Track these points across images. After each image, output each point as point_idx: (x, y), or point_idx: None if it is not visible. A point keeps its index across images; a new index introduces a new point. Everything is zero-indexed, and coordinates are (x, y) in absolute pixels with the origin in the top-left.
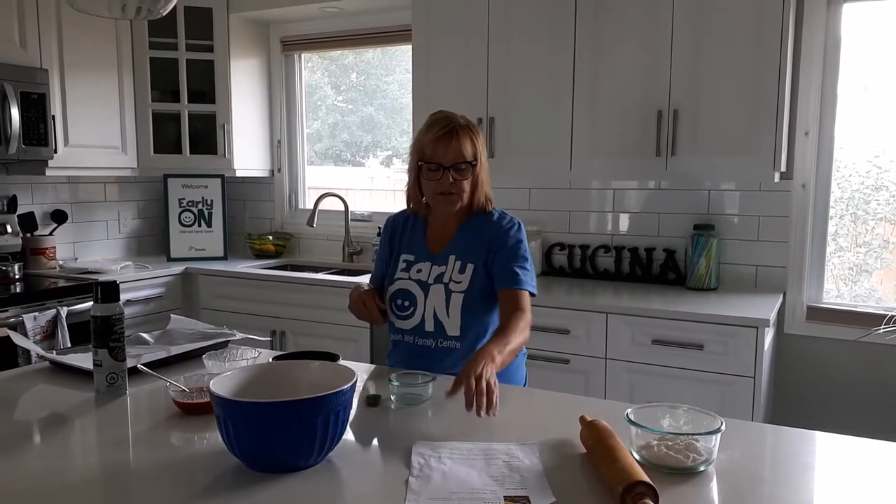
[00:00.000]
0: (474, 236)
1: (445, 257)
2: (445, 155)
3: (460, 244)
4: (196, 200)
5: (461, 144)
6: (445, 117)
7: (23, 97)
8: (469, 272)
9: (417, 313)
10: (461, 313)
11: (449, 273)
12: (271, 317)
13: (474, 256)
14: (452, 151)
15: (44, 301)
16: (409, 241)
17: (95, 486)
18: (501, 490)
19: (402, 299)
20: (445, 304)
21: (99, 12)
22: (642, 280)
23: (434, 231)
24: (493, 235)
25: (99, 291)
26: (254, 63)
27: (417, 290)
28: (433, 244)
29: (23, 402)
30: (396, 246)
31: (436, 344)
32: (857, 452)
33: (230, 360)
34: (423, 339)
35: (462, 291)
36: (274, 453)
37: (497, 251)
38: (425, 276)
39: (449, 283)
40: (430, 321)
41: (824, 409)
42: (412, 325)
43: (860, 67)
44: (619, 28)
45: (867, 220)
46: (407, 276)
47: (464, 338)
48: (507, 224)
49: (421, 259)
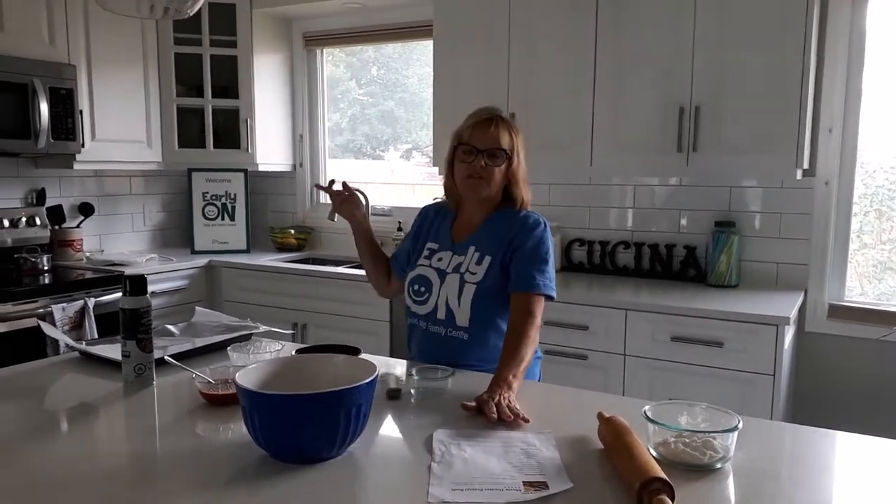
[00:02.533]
0: (497, 230)
1: (466, 248)
2: (481, 139)
3: (482, 236)
4: (219, 194)
5: (499, 133)
6: (489, 108)
7: (51, 92)
8: (485, 265)
9: (431, 300)
10: (471, 304)
11: (466, 264)
12: (293, 309)
13: (493, 250)
14: (489, 137)
15: (71, 292)
16: (436, 231)
17: (123, 475)
18: (520, 476)
19: (419, 284)
20: (458, 294)
21: (128, 12)
22: (662, 277)
23: (461, 222)
24: (515, 233)
25: (128, 284)
26: (276, 58)
27: (435, 277)
28: (457, 234)
29: (52, 391)
30: (424, 234)
31: (446, 332)
32: (878, 453)
33: (254, 353)
34: (435, 326)
35: (475, 283)
36: (298, 444)
37: (516, 250)
38: (444, 265)
39: (465, 273)
40: (443, 309)
41: (845, 408)
42: (426, 311)
43: (886, 63)
44: (640, 24)
45: (892, 217)
46: (428, 264)
47: (472, 329)
48: (531, 223)
49: (444, 248)
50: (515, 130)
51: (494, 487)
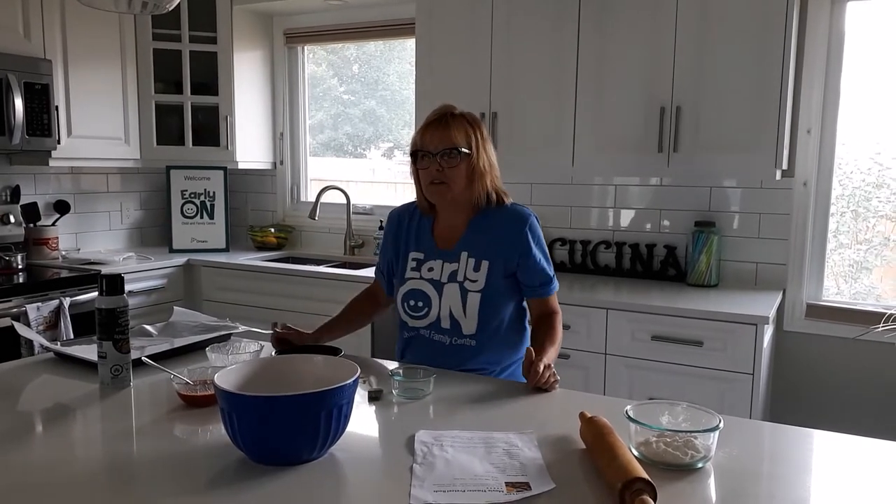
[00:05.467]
0: (487, 232)
1: (457, 254)
2: (433, 142)
3: (472, 239)
4: (198, 192)
5: (451, 132)
6: (440, 107)
7: (26, 87)
8: (484, 270)
9: (433, 313)
10: (478, 312)
11: (462, 271)
12: (272, 309)
13: (489, 253)
14: (441, 138)
15: (46, 291)
16: (416, 238)
17: (99, 478)
18: (503, 477)
19: (415, 300)
20: (462, 304)
21: (105, 7)
22: (643, 276)
23: (443, 227)
24: (512, 240)
25: (104, 284)
26: (257, 55)
27: (431, 290)
28: (443, 241)
29: (26, 392)
30: (403, 243)
31: (451, 341)
32: (855, 451)
33: (233, 353)
34: (440, 335)
35: (479, 291)
36: (278, 446)
37: (521, 257)
38: (437, 275)
39: (464, 281)
40: (447, 320)
41: (823, 406)
42: (427, 323)
43: (863, 65)
44: (622, 24)
45: (868, 218)
46: (418, 276)
47: (480, 336)
48: (522, 218)
49: (431, 257)
50: (473, 124)
51: (477, 488)
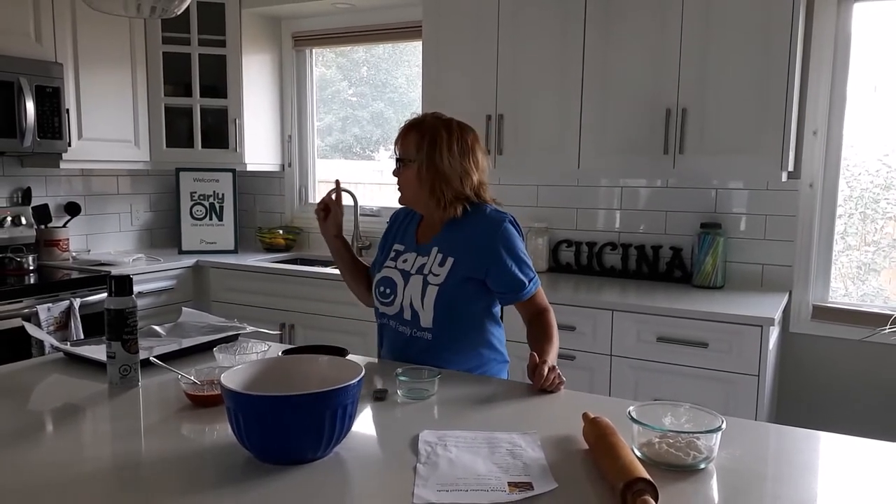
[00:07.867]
0: (458, 231)
1: (429, 249)
2: (398, 149)
3: (446, 238)
4: (207, 194)
5: (404, 141)
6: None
7: (38, 91)
8: (448, 266)
9: (397, 301)
10: (434, 306)
11: (430, 265)
12: (281, 310)
13: (456, 251)
14: (400, 146)
15: (57, 292)
16: (403, 233)
17: (108, 477)
18: (506, 476)
19: (384, 286)
20: (421, 296)
21: (115, 11)
22: (648, 278)
23: (425, 224)
24: (481, 247)
25: (113, 285)
26: (265, 58)
27: (399, 278)
28: (422, 236)
29: (37, 392)
30: (391, 237)
31: (411, 333)
32: (860, 453)
33: (240, 354)
34: (402, 326)
35: (438, 284)
36: (283, 446)
37: (491, 265)
38: (409, 266)
39: (428, 274)
40: (408, 310)
41: (828, 409)
42: (393, 311)
43: (871, 66)
44: (628, 26)
45: (876, 219)
46: (393, 265)
47: (436, 330)
48: (493, 228)
49: (409, 250)
50: (431, 131)
51: (480, 488)
